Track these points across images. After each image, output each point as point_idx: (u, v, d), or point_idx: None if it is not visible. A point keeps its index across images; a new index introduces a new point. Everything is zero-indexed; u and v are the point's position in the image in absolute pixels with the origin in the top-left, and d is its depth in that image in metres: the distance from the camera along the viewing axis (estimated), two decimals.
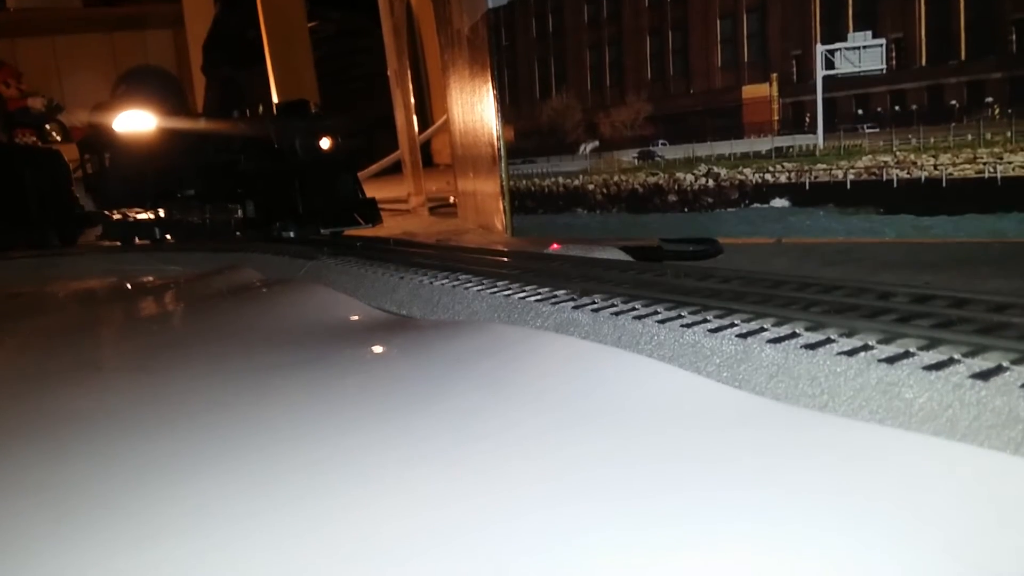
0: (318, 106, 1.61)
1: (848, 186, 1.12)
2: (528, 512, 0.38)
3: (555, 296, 0.72)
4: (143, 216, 1.75)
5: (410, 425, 0.51)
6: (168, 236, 1.71)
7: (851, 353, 0.48)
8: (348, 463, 0.46)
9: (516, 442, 0.47)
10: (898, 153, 1.07)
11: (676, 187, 1.29)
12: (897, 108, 1.07)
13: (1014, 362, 0.43)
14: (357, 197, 1.51)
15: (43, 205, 1.96)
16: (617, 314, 0.63)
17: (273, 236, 1.45)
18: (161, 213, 1.72)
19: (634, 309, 0.64)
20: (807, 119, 1.14)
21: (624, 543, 0.34)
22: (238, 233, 1.54)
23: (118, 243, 1.81)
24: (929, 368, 0.44)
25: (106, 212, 1.84)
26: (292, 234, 1.42)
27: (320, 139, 1.50)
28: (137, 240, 1.77)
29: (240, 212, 1.54)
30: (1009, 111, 0.99)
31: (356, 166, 1.63)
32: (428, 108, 3.56)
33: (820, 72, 1.12)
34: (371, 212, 1.49)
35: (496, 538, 0.36)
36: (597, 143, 1.38)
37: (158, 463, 0.48)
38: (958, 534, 0.33)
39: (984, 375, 0.42)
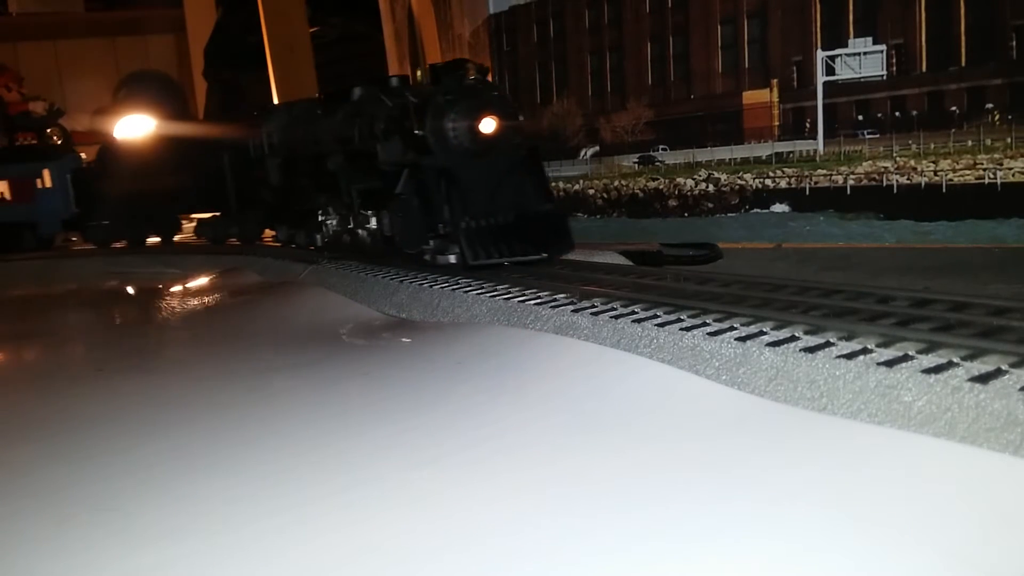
0: (482, 71, 0.96)
1: (848, 191, 1.12)
2: (531, 514, 0.38)
3: (555, 300, 0.72)
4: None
5: (412, 427, 0.51)
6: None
7: (850, 356, 0.48)
8: (351, 465, 0.46)
9: (518, 445, 0.47)
10: (898, 159, 1.08)
11: (676, 192, 1.29)
12: (897, 114, 1.08)
13: (1013, 365, 0.43)
14: (542, 209, 0.92)
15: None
16: (616, 317, 0.63)
17: (425, 262, 0.96)
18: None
19: (633, 312, 0.64)
20: (807, 124, 1.15)
21: (626, 546, 0.35)
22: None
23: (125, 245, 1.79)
24: (928, 371, 0.44)
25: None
26: (452, 260, 0.93)
27: (481, 120, 0.91)
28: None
29: (374, 225, 1.02)
30: (1009, 117, 0.99)
31: (540, 161, 0.97)
32: None
33: (820, 78, 1.12)
34: (562, 235, 0.92)
35: (499, 541, 0.36)
36: (598, 148, 1.38)
37: (159, 465, 0.48)
38: (957, 535, 0.33)
39: (983, 378, 0.42)
